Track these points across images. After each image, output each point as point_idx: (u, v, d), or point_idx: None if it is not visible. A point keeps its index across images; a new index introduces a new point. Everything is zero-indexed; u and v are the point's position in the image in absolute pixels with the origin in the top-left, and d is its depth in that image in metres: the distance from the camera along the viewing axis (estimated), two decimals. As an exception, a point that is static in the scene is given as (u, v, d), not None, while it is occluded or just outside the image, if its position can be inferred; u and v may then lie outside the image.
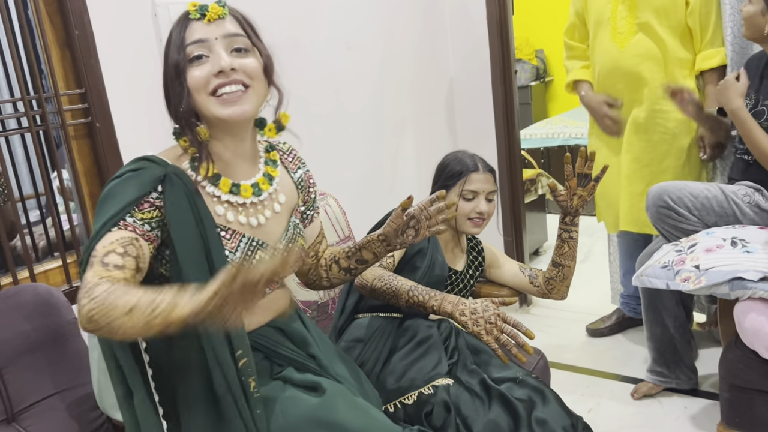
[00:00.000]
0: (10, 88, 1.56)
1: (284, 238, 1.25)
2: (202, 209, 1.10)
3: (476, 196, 1.76)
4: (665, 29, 2.31)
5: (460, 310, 1.37)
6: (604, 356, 2.64)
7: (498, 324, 1.32)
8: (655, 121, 2.37)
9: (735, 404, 1.75)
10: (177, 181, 1.09)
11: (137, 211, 1.06)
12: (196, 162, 1.14)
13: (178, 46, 1.12)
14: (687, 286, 1.70)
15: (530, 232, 3.41)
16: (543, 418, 1.48)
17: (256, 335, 1.22)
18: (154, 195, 1.08)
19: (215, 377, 1.08)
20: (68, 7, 1.57)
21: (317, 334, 1.36)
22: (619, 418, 2.21)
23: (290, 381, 1.21)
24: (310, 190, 1.38)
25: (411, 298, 1.44)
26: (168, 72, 1.13)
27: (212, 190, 1.16)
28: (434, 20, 2.88)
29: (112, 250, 1.00)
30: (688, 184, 1.99)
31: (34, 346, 1.31)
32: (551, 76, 6.84)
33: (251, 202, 1.20)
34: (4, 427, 1.27)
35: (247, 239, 1.18)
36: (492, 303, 1.36)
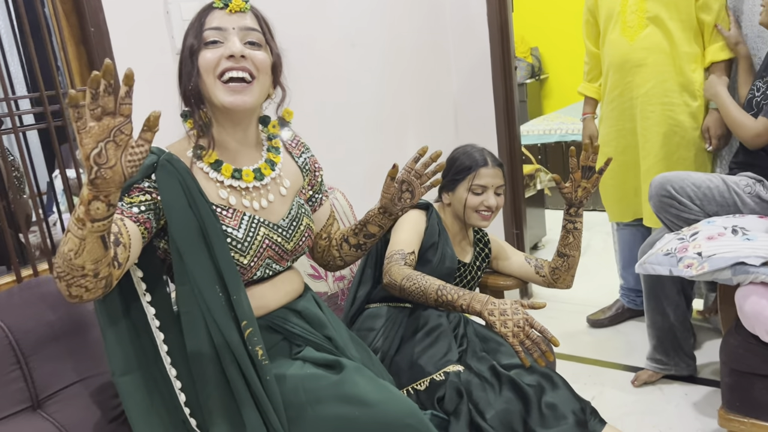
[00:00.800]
0: (28, 84, 1.59)
1: (287, 217, 1.31)
2: (193, 189, 1.16)
3: (485, 191, 1.80)
4: (675, 23, 2.34)
5: (489, 309, 1.38)
6: (606, 346, 2.69)
7: (526, 329, 1.33)
8: (666, 114, 2.39)
9: (736, 389, 1.79)
10: (169, 167, 1.16)
11: (126, 196, 1.13)
12: (199, 150, 1.22)
13: (196, 29, 1.18)
14: (690, 272, 1.74)
15: (529, 227, 3.45)
16: (553, 402, 1.53)
17: (273, 317, 1.28)
18: (146, 183, 1.15)
19: (220, 349, 1.14)
20: (84, 6, 1.60)
21: (332, 317, 1.41)
22: (621, 406, 2.25)
23: (310, 360, 1.26)
24: (316, 173, 1.45)
25: (440, 297, 1.46)
26: (182, 52, 1.20)
27: (215, 175, 1.22)
28: (436, 17, 2.92)
29: None
30: (691, 175, 2.04)
31: (58, 334, 1.34)
32: (546, 73, 6.89)
33: (254, 186, 1.27)
34: (30, 414, 1.29)
35: (249, 217, 1.24)
36: (521, 306, 1.37)
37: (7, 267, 1.54)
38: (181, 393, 1.18)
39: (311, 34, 2.30)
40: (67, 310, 1.37)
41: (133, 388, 1.17)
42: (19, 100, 1.57)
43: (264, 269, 1.27)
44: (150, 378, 1.18)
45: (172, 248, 1.15)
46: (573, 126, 4.66)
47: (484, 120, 3.00)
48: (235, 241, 1.21)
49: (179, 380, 1.18)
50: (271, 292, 1.29)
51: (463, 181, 1.81)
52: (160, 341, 1.18)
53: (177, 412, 1.19)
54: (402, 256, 1.63)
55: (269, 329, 1.27)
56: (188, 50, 1.18)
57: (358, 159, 2.53)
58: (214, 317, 1.14)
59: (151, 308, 1.18)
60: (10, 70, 1.56)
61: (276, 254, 1.28)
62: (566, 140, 4.58)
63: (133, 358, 1.17)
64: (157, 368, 1.19)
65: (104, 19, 1.64)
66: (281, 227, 1.29)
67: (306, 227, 1.34)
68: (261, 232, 1.25)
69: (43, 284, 1.40)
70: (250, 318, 1.17)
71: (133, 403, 1.16)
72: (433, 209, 1.83)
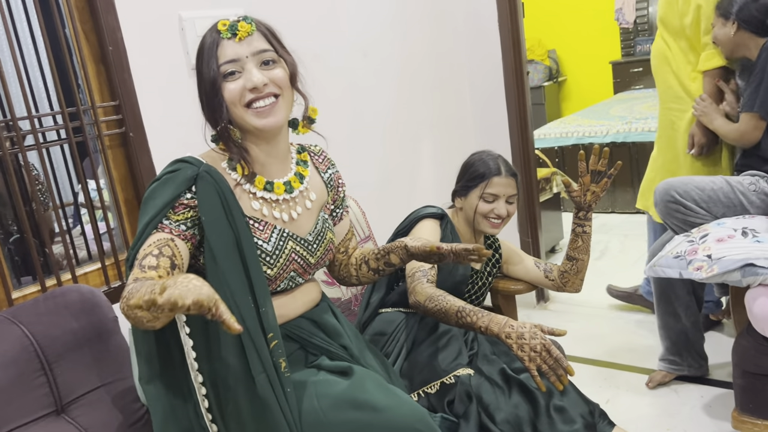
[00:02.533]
0: (50, 101, 1.65)
1: (313, 231, 1.34)
2: (231, 202, 1.19)
3: (496, 199, 1.81)
4: (668, 33, 2.47)
5: (506, 332, 1.38)
6: (621, 349, 2.69)
7: (543, 355, 1.33)
8: (670, 119, 2.50)
9: (748, 391, 1.80)
10: (209, 178, 1.19)
11: (173, 213, 1.17)
12: (234, 161, 1.25)
13: (213, 64, 1.21)
14: (700, 275, 1.75)
15: (546, 231, 3.46)
16: (561, 405, 1.54)
17: (291, 326, 1.31)
18: (188, 195, 1.18)
19: (251, 358, 1.16)
20: (102, 26, 1.67)
21: (348, 326, 1.44)
22: (635, 408, 2.26)
23: (323, 368, 1.29)
24: (339, 189, 1.47)
25: (459, 319, 1.48)
26: (204, 86, 1.23)
27: (248, 187, 1.26)
28: (447, 25, 2.96)
29: (149, 252, 1.12)
30: (694, 179, 2.06)
31: (81, 342, 1.40)
32: (564, 76, 6.88)
33: (284, 199, 1.30)
34: (54, 418, 1.35)
35: (279, 230, 1.27)
36: (541, 331, 1.37)
37: (33, 277, 1.61)
38: (205, 399, 1.21)
39: (323, 44, 2.34)
40: (89, 318, 1.42)
41: (158, 393, 1.20)
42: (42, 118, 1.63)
43: (288, 281, 1.30)
44: (174, 383, 1.21)
45: (207, 257, 1.18)
46: (590, 128, 4.65)
47: (498, 125, 3.03)
48: (265, 253, 1.24)
49: (204, 386, 1.21)
50: (291, 302, 1.32)
51: (475, 188, 1.83)
52: (188, 347, 1.20)
53: (198, 418, 1.21)
54: (423, 273, 1.65)
55: (287, 338, 1.31)
56: (210, 85, 1.21)
57: (372, 167, 2.58)
58: (247, 326, 1.16)
59: (182, 315, 1.19)
60: (33, 89, 1.63)
61: (300, 267, 1.31)
62: (583, 143, 4.56)
63: (159, 365, 1.20)
64: (182, 373, 1.21)
65: (122, 38, 1.71)
66: (307, 241, 1.32)
67: (329, 241, 1.38)
68: (289, 245, 1.28)
69: (66, 294, 1.46)
70: (276, 330, 1.20)
71: (158, 408, 1.20)
72: (447, 218, 1.85)
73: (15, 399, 1.29)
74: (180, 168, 1.20)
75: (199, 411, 1.21)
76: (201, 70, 1.23)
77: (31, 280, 1.61)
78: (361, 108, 2.52)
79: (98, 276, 1.72)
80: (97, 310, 1.45)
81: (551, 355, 1.33)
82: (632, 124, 4.46)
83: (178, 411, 1.21)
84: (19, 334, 1.34)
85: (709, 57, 2.37)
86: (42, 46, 1.60)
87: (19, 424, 1.29)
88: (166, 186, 1.18)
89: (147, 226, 1.15)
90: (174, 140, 1.82)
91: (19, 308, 1.40)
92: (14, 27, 1.57)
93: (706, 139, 2.39)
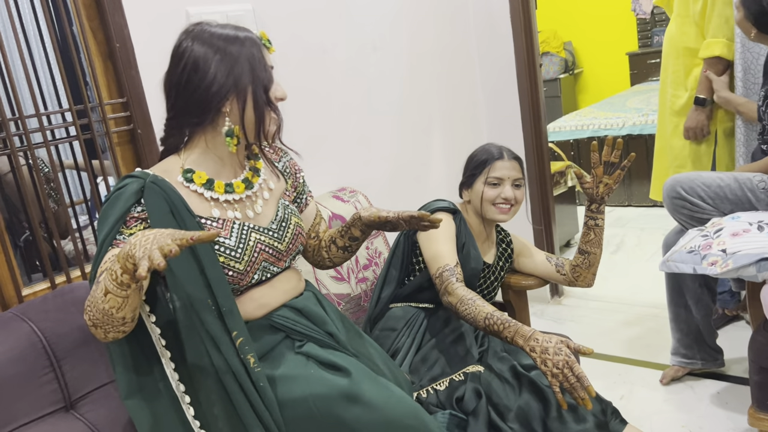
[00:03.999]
0: (59, 99, 1.66)
1: (275, 219, 1.36)
2: (179, 206, 1.21)
3: (501, 183, 1.80)
4: (678, 17, 2.49)
5: (531, 346, 1.38)
6: (636, 344, 2.66)
7: (565, 372, 1.32)
8: (674, 102, 2.57)
9: (765, 387, 1.76)
10: (155, 188, 1.21)
11: (125, 228, 1.19)
12: (189, 173, 1.27)
13: (265, 66, 1.27)
14: (714, 270, 1.71)
15: (560, 224, 3.43)
16: (573, 403, 1.53)
17: (274, 316, 1.32)
18: (138, 209, 1.20)
19: (215, 360, 1.18)
20: (110, 23, 1.67)
21: (335, 313, 1.44)
22: (651, 404, 2.23)
23: (314, 358, 1.29)
24: (297, 176, 1.50)
25: (488, 326, 1.48)
26: (257, 84, 1.25)
27: (210, 194, 1.28)
28: (458, 17, 2.93)
29: (105, 269, 1.12)
30: (701, 174, 2.02)
31: (89, 338, 1.40)
32: (580, 68, 6.81)
33: (247, 196, 1.33)
34: (63, 414, 1.35)
35: (239, 225, 1.28)
36: (567, 347, 1.36)
37: (43, 274, 1.62)
38: (190, 407, 1.22)
39: (333, 38, 2.33)
40: (97, 315, 1.43)
41: (140, 408, 1.21)
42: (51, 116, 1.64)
43: (261, 272, 1.31)
44: (157, 395, 1.22)
45: None
46: (606, 121, 4.59)
47: (511, 118, 3.00)
48: (229, 249, 1.25)
49: (187, 395, 1.22)
50: (271, 292, 1.33)
51: (479, 175, 1.82)
52: (166, 359, 1.22)
53: (185, 426, 1.22)
54: (451, 272, 1.64)
55: (271, 328, 1.31)
56: (263, 88, 1.26)
57: (382, 162, 2.56)
58: (208, 329, 1.18)
59: (156, 328, 1.22)
60: (42, 86, 1.63)
61: (271, 256, 1.32)
62: (599, 135, 4.50)
63: (138, 379, 1.22)
64: (164, 384, 1.23)
65: (129, 35, 1.71)
66: (271, 230, 1.34)
67: (296, 225, 1.39)
68: (252, 237, 1.29)
69: (75, 290, 1.46)
70: (241, 327, 1.21)
71: (143, 422, 1.21)
72: (460, 213, 1.84)
73: (24, 395, 1.30)
74: (127, 183, 1.22)
75: (185, 419, 1.22)
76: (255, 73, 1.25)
77: (42, 277, 1.63)
78: (371, 103, 2.51)
79: (108, 273, 1.73)
80: (106, 307, 1.45)
81: (573, 373, 1.32)
82: (649, 116, 4.39)
83: (163, 422, 1.21)
84: (27, 331, 1.34)
85: (709, 45, 2.38)
86: (49, 44, 1.60)
87: (28, 420, 1.29)
88: (116, 203, 1.20)
89: (103, 244, 1.17)
90: (182, 136, 1.82)
91: (28, 305, 1.40)
92: (22, 25, 1.57)
93: (692, 124, 2.45)
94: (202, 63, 1.23)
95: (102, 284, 1.05)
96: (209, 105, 1.24)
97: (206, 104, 1.24)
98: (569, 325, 2.90)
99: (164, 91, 1.29)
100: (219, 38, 1.24)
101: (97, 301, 1.06)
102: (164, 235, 0.98)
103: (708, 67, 2.39)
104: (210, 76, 1.22)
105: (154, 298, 1.23)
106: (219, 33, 1.25)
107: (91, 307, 1.08)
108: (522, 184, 1.83)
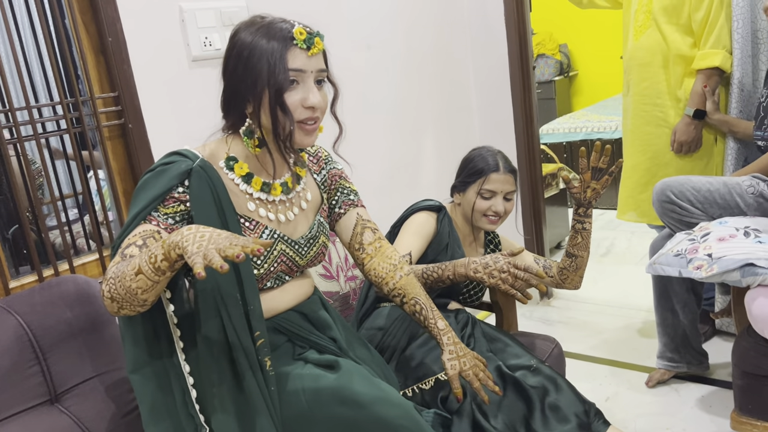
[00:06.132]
0: (50, 92, 1.66)
1: (307, 235, 1.34)
2: (224, 199, 1.19)
3: (494, 196, 1.81)
4: (672, 26, 2.38)
5: (473, 268, 1.45)
6: (623, 347, 2.67)
7: (511, 271, 1.40)
8: (656, 115, 2.46)
9: (748, 391, 1.78)
10: (203, 173, 1.18)
11: (162, 206, 1.16)
12: (231, 161, 1.24)
13: (280, 65, 1.16)
14: (699, 274, 1.73)
15: (552, 226, 3.45)
16: (556, 404, 1.54)
17: (280, 319, 1.31)
18: (180, 189, 1.17)
19: (237, 356, 1.17)
20: (102, 16, 1.67)
21: (339, 319, 1.44)
22: (636, 406, 2.24)
23: (311, 361, 1.29)
24: (332, 187, 1.45)
25: (427, 278, 1.51)
26: (271, 85, 1.16)
27: (245, 187, 1.25)
28: (453, 18, 2.94)
29: (133, 242, 1.12)
30: (691, 179, 2.04)
31: (76, 332, 1.40)
32: (575, 70, 6.82)
33: (280, 200, 1.30)
34: (48, 407, 1.35)
35: (270, 231, 1.27)
36: (501, 255, 1.44)
37: (31, 267, 1.62)
38: (193, 389, 1.22)
39: (327, 36, 2.31)
40: (84, 308, 1.43)
41: (145, 383, 1.21)
42: (42, 108, 1.64)
43: (274, 280, 1.30)
44: (163, 373, 1.22)
45: None
46: (600, 124, 4.61)
47: (503, 120, 3.01)
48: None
49: (192, 376, 1.22)
50: (280, 296, 1.32)
51: (473, 184, 1.82)
52: (176, 337, 1.22)
53: (186, 407, 1.22)
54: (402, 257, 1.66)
55: (275, 331, 1.31)
56: (276, 89, 1.16)
57: (375, 161, 2.57)
58: (233, 323, 1.17)
59: (171, 305, 1.21)
60: (33, 79, 1.63)
61: (288, 268, 1.31)
62: (592, 138, 4.53)
63: (147, 355, 1.21)
64: (171, 363, 1.22)
65: (121, 28, 1.71)
66: (299, 244, 1.32)
67: (321, 245, 1.37)
68: (278, 247, 1.28)
69: (62, 284, 1.46)
70: (263, 329, 1.21)
71: (145, 397, 1.21)
72: (445, 211, 1.85)
73: (9, 388, 1.30)
74: (175, 161, 1.19)
75: (188, 399, 1.22)
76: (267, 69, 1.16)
77: (30, 270, 1.62)
78: (364, 102, 2.51)
79: (96, 266, 1.73)
80: (93, 301, 1.45)
81: (519, 269, 1.42)
82: (642, 120, 4.40)
83: (166, 399, 1.21)
84: (13, 324, 1.34)
85: (705, 56, 2.32)
86: (41, 36, 1.60)
87: (13, 413, 1.30)
88: (159, 178, 1.17)
89: (136, 217, 1.15)
90: (173, 132, 1.82)
91: (14, 298, 1.40)
92: (14, 17, 1.57)
93: (687, 138, 2.37)
94: (233, 59, 1.19)
95: (136, 263, 1.02)
96: (236, 108, 1.21)
97: (235, 107, 1.21)
98: (558, 327, 2.92)
99: None
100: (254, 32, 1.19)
101: (125, 278, 1.03)
102: (222, 237, 0.96)
103: (704, 79, 2.32)
104: (237, 76, 1.18)
105: (174, 278, 1.19)
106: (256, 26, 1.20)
107: (115, 281, 1.05)
108: (514, 196, 1.84)
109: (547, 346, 1.87)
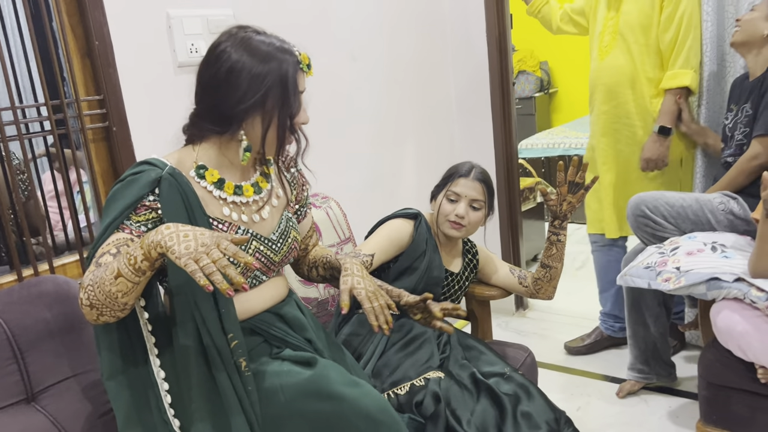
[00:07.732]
0: (35, 93, 1.67)
1: (277, 230, 1.37)
2: (194, 204, 1.22)
3: (459, 199, 1.84)
4: (640, 47, 2.40)
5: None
6: (595, 358, 2.73)
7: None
8: (625, 134, 2.49)
9: (713, 402, 1.83)
10: (172, 181, 1.21)
11: (134, 215, 1.19)
12: (201, 170, 1.28)
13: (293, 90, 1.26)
14: (667, 286, 1.79)
15: (528, 239, 3.50)
16: (528, 411, 1.58)
17: (256, 320, 1.34)
18: (151, 198, 1.20)
19: (212, 357, 1.20)
20: (89, 19, 1.69)
21: (314, 321, 1.47)
22: (605, 417, 2.29)
23: (288, 359, 1.32)
24: (303, 187, 1.51)
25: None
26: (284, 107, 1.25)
27: (219, 193, 1.28)
28: (436, 33, 2.99)
29: (107, 251, 1.14)
30: (665, 194, 2.10)
31: (53, 332, 1.41)
32: (555, 87, 6.93)
33: (253, 200, 1.33)
34: (24, 406, 1.35)
35: (243, 231, 1.30)
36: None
37: (10, 267, 1.62)
38: (168, 395, 1.23)
39: (313, 47, 2.34)
40: (63, 309, 1.43)
41: (120, 390, 1.22)
42: (26, 109, 1.65)
43: (251, 280, 1.33)
44: (137, 380, 1.24)
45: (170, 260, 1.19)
46: (577, 140, 4.70)
47: (482, 133, 3.06)
48: None
49: (167, 382, 1.24)
50: (256, 297, 1.35)
51: (443, 188, 1.87)
52: (151, 344, 1.24)
53: (161, 413, 1.24)
54: (355, 255, 1.70)
55: (251, 332, 1.33)
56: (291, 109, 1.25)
57: (356, 170, 2.60)
58: (208, 327, 1.19)
59: (145, 312, 1.23)
60: (18, 80, 1.64)
61: (264, 266, 1.34)
62: (569, 154, 4.61)
63: (122, 362, 1.23)
64: (145, 370, 1.24)
65: (108, 32, 1.72)
66: (271, 241, 1.35)
67: (293, 240, 1.41)
68: (252, 245, 1.31)
69: (42, 283, 1.46)
70: (237, 330, 1.23)
71: (120, 403, 1.22)
72: (422, 218, 1.88)
73: (-15, 385, 1.31)
74: (144, 170, 1.22)
75: (162, 406, 1.23)
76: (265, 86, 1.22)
77: (8, 269, 1.62)
78: (347, 111, 2.55)
79: (76, 267, 1.74)
80: (72, 301, 1.45)
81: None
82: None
83: (141, 405, 1.23)
84: (-8, 322, 1.35)
85: (674, 76, 2.34)
86: (28, 38, 1.61)
87: (-11, 411, 1.30)
88: (129, 187, 1.20)
89: (109, 227, 1.18)
90: (157, 136, 1.82)
91: (-7, 296, 1.41)
92: (1, 18, 1.58)
93: (652, 155, 2.38)
94: (235, 74, 1.21)
95: (114, 267, 1.05)
96: (233, 119, 1.24)
97: (230, 118, 1.24)
98: (533, 338, 2.96)
99: (196, 81, 1.28)
100: (258, 51, 1.22)
101: (104, 283, 1.06)
102: (205, 236, 1.00)
103: (672, 99, 2.35)
104: (240, 90, 1.21)
105: (148, 285, 1.23)
106: (260, 45, 1.23)
107: (94, 288, 1.08)
108: (482, 207, 1.85)
109: (521, 354, 1.91)
